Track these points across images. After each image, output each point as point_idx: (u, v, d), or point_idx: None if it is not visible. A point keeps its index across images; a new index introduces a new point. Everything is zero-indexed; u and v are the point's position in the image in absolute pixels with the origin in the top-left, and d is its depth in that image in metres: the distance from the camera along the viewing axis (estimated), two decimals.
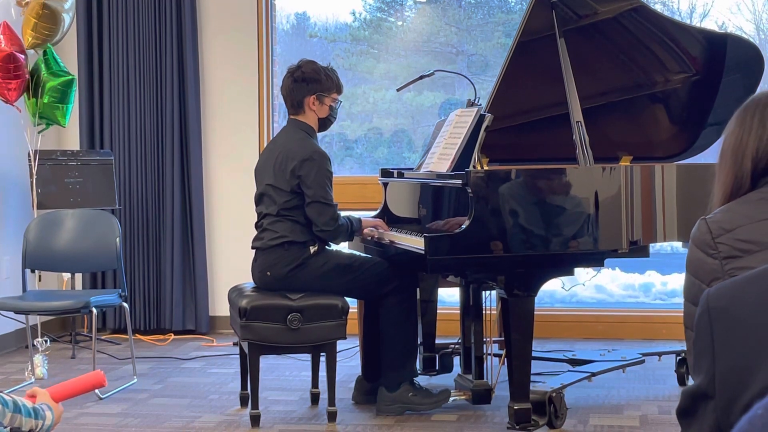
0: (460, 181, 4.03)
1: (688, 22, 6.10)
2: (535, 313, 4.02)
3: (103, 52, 6.32)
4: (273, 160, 4.36)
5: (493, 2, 6.95)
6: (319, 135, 4.56)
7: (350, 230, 4.37)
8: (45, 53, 5.42)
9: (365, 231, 4.47)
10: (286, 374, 5.18)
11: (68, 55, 6.30)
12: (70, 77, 5.48)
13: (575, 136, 4.19)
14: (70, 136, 6.44)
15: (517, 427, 3.99)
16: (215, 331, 6.32)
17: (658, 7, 5.88)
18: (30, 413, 2.40)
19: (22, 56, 5.31)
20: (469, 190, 3.95)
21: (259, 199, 4.42)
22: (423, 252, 3.93)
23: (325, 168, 4.28)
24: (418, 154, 5.96)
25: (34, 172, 5.59)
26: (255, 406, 4.20)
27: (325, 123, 4.46)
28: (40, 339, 5.16)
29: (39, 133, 5.55)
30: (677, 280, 7.60)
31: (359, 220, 4.45)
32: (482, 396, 4.33)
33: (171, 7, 6.22)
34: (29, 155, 5.65)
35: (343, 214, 4.44)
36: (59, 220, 5.29)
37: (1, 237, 5.84)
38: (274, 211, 4.32)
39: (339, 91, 4.46)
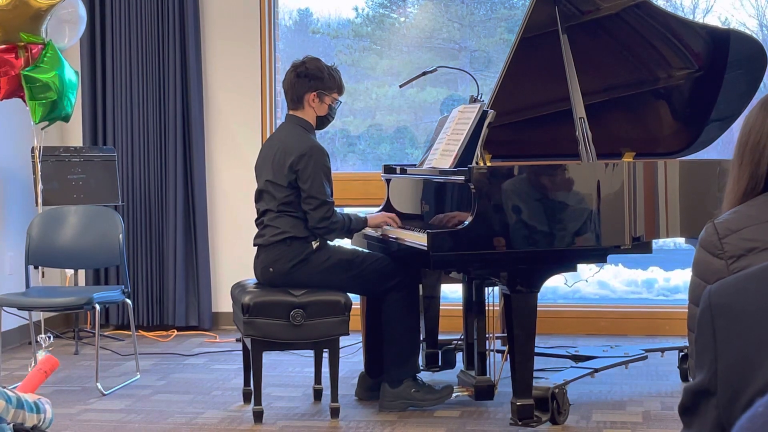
0: (462, 178, 4.03)
1: (691, 17, 6.09)
2: (537, 309, 4.02)
3: (106, 48, 6.32)
4: (271, 156, 4.36)
5: None
6: (321, 131, 4.55)
7: (348, 228, 4.35)
8: (45, 49, 5.33)
9: (384, 228, 4.45)
10: (288, 370, 5.19)
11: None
12: (26, 73, 5.23)
13: (578, 132, 4.19)
14: (73, 132, 6.44)
15: (520, 423, 3.99)
16: (218, 328, 6.33)
17: (661, 3, 5.87)
18: (32, 408, 2.40)
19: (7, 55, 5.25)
20: (472, 187, 3.95)
21: (258, 196, 4.42)
22: (426, 248, 3.93)
23: (321, 163, 4.27)
24: (421, 150, 5.96)
25: (39, 168, 5.57)
26: (258, 402, 4.21)
27: (322, 121, 4.45)
28: (43, 335, 5.14)
29: (42, 129, 5.54)
30: (680, 276, 7.60)
31: (363, 220, 4.43)
32: (485, 392, 4.33)
33: (174, 3, 6.22)
34: (32, 151, 5.65)
35: (347, 212, 4.43)
36: (62, 216, 5.29)
37: (4, 233, 5.85)
38: (274, 207, 4.32)
39: (340, 91, 4.46)
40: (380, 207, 4.88)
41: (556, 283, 5.34)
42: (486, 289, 4.40)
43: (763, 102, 1.79)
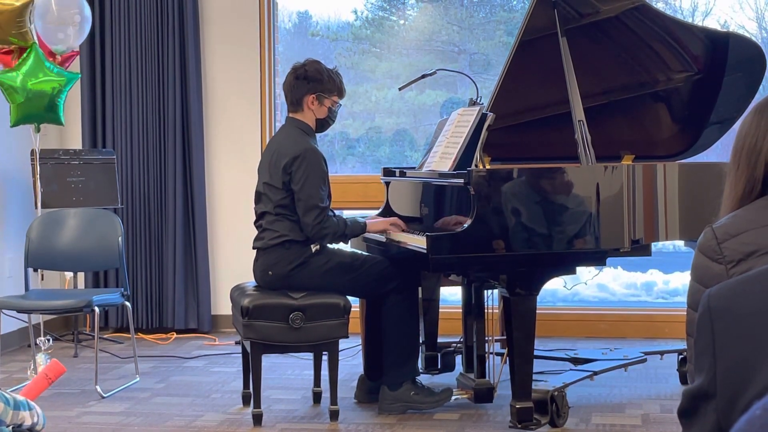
0: (462, 180, 4.03)
1: (690, 20, 6.10)
2: (537, 311, 4.02)
3: (106, 50, 6.32)
4: (269, 158, 4.36)
5: (495, 1, 6.95)
6: (321, 134, 4.54)
7: (342, 233, 4.29)
8: (27, 52, 5.31)
9: (391, 233, 4.42)
10: (288, 373, 5.19)
11: None
12: None
13: (577, 135, 4.19)
14: (72, 135, 6.44)
15: (519, 425, 3.99)
16: (217, 330, 6.33)
17: (660, 6, 5.88)
18: (25, 406, 2.41)
19: None
20: (471, 189, 3.95)
21: (257, 198, 4.42)
22: (425, 251, 3.93)
23: (315, 166, 4.25)
24: (420, 153, 5.96)
25: (38, 171, 5.58)
26: (257, 405, 4.20)
27: (322, 124, 4.44)
28: (42, 338, 5.15)
29: (37, 132, 5.54)
30: (679, 279, 7.60)
31: (362, 226, 4.39)
32: (484, 395, 4.33)
33: (173, 5, 6.22)
34: (32, 154, 5.65)
35: (347, 215, 4.42)
36: (62, 219, 5.29)
37: (3, 236, 5.85)
38: (271, 210, 4.31)
39: (340, 94, 4.44)
40: (379, 210, 4.88)
41: (555, 285, 5.35)
42: (485, 291, 4.40)
43: (757, 106, 1.79)
